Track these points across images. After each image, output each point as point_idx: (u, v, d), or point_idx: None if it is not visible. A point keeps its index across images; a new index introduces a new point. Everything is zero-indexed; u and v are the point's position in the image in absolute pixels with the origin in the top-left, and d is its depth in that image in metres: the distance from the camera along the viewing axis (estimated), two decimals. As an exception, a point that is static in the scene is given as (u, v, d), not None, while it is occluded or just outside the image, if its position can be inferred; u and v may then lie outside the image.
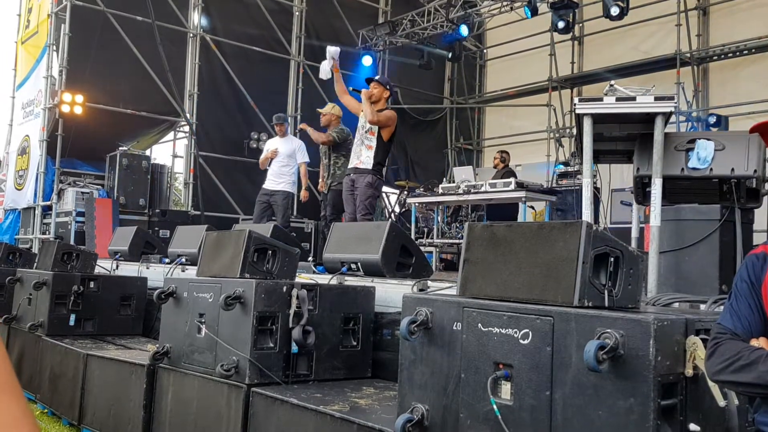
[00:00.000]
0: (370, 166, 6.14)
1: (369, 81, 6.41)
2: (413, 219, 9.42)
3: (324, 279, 4.26)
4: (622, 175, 8.86)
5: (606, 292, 2.07)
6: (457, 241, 8.91)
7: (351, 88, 6.55)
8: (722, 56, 11.58)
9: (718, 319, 1.79)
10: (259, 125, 12.20)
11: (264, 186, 8.16)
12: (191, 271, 5.15)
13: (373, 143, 6.17)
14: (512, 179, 8.12)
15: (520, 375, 2.09)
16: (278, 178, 8.02)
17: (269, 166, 8.16)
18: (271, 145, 8.37)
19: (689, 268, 3.79)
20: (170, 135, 12.64)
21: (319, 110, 7.49)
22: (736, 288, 1.78)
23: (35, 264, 6.17)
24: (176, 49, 11.42)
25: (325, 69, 6.39)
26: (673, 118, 5.86)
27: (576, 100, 4.01)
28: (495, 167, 10.05)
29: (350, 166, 6.36)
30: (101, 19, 10.45)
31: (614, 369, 1.87)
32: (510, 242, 2.25)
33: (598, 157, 4.55)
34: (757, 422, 1.72)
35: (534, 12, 10.96)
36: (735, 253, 3.71)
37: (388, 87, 6.44)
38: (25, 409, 0.57)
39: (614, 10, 10.12)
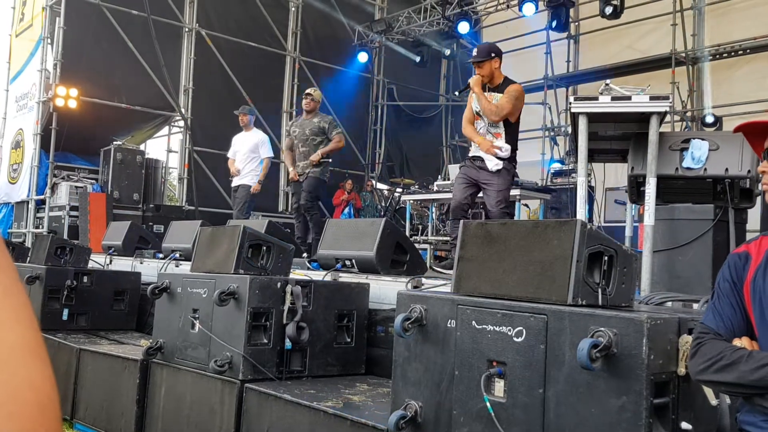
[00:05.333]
0: (508, 154, 5.06)
1: (474, 63, 5.18)
2: (408, 216, 9.42)
3: (318, 275, 4.27)
4: (616, 174, 8.88)
5: (600, 290, 2.07)
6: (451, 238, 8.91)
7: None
8: (717, 56, 11.60)
9: (701, 319, 1.80)
10: (254, 121, 12.16)
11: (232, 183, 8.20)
12: (185, 267, 5.13)
13: (501, 130, 5.10)
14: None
15: (513, 372, 2.09)
16: (242, 172, 7.94)
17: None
18: (236, 141, 8.24)
19: (683, 268, 3.80)
20: (165, 130, 12.62)
21: (310, 91, 7.13)
22: (718, 288, 1.78)
23: (28, 258, 6.14)
24: (171, 44, 11.38)
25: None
26: (667, 118, 5.87)
27: (571, 98, 4.02)
28: None
29: (473, 153, 5.22)
30: (96, 12, 10.41)
31: (607, 367, 1.88)
32: (505, 240, 2.25)
33: (592, 155, 4.56)
34: (740, 422, 1.72)
35: (530, 10, 10.96)
36: (728, 253, 3.72)
37: (493, 55, 5.11)
38: (14, 282, 0.48)
39: (608, 9, 10.14)
